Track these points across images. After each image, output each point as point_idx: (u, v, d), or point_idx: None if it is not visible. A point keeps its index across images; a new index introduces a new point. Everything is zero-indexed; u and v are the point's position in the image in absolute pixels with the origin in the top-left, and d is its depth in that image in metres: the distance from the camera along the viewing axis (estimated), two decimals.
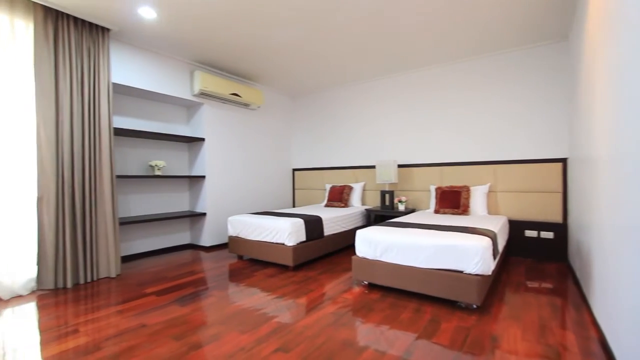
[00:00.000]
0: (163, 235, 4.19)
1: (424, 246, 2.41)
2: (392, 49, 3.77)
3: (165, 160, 4.24)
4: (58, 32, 2.84)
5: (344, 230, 4.03)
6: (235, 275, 3.17)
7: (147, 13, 2.93)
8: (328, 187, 5.14)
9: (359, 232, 2.81)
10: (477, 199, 3.78)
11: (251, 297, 2.57)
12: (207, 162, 4.32)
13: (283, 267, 3.40)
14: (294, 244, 3.23)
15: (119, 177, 3.43)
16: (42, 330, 2.06)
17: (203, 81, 3.99)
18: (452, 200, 3.79)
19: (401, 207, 4.18)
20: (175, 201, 4.36)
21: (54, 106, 2.80)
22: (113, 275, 3.13)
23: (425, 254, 2.40)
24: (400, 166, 4.58)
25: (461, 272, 2.27)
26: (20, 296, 2.64)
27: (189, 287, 2.82)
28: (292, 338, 1.90)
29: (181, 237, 4.41)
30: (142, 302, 2.49)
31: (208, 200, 4.32)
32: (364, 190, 4.96)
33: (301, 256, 3.31)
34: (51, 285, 2.77)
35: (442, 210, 3.82)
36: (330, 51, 3.82)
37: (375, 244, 2.67)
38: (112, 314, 2.28)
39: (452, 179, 4.16)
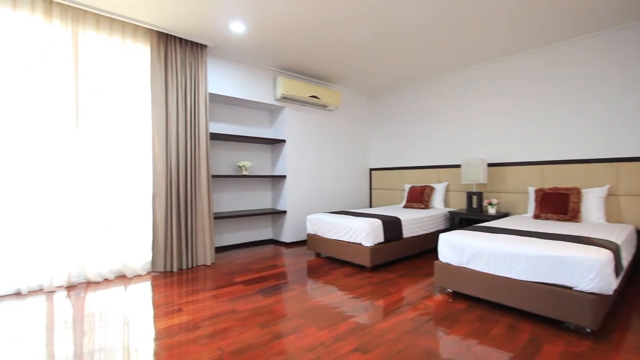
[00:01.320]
0: (248, 230, 4.55)
1: (523, 255, 2.12)
2: (473, 39, 3.43)
3: (251, 161, 4.60)
4: (168, 52, 3.31)
5: (425, 233, 3.81)
6: (314, 272, 3.26)
7: (237, 28, 3.21)
8: (407, 187, 4.93)
9: (442, 236, 2.62)
10: (591, 203, 3.19)
11: (329, 295, 2.61)
12: (288, 162, 4.55)
13: (360, 267, 3.37)
14: (372, 244, 3.18)
15: (213, 176, 3.84)
16: (155, 305, 2.42)
17: (285, 86, 4.21)
18: (558, 204, 3.27)
19: (491, 211, 3.77)
20: (259, 199, 4.71)
21: (164, 117, 3.28)
22: (208, 263, 3.52)
23: (524, 265, 2.11)
24: (490, 165, 4.14)
25: (570, 288, 1.93)
26: (140, 275, 3.15)
27: (272, 280, 3.00)
28: (371, 340, 1.87)
29: (264, 232, 4.73)
30: (232, 290, 2.74)
31: (288, 198, 4.54)
32: (447, 191, 4.62)
33: (379, 257, 3.24)
34: (161, 269, 3.25)
35: (543, 215, 3.33)
36: (407, 46, 3.65)
37: (461, 250, 2.45)
38: (208, 298, 2.56)
39: (556, 179, 3.59)
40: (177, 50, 3.36)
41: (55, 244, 2.75)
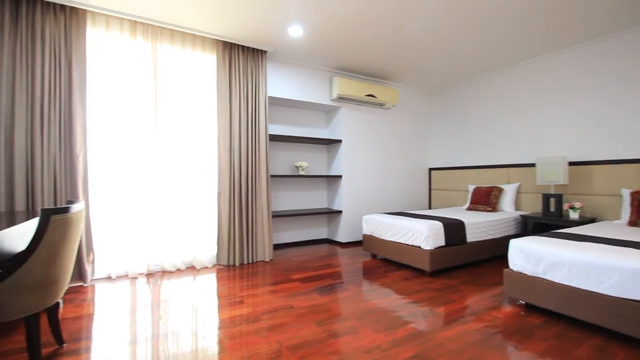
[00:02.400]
0: (305, 229, 4.65)
1: (615, 268, 1.83)
2: (551, 22, 3.05)
3: (308, 161, 4.69)
4: (232, 60, 3.53)
5: (492, 238, 3.51)
6: (369, 273, 3.20)
7: (295, 31, 3.30)
8: (471, 188, 4.60)
9: (514, 242, 2.38)
10: None
11: (386, 298, 2.54)
12: (344, 162, 4.55)
13: (418, 271, 3.22)
14: (431, 248, 3.02)
15: (272, 176, 4.00)
16: (219, 296, 2.59)
17: (341, 86, 4.22)
18: None
19: (573, 215, 3.32)
20: (315, 199, 4.78)
21: (228, 120, 3.50)
22: (267, 259, 3.67)
23: (617, 279, 1.82)
24: (572, 164, 3.66)
25: None
26: (206, 267, 3.40)
27: (328, 279, 3.02)
28: (431, 348, 1.77)
29: (320, 231, 4.79)
30: (289, 286, 2.81)
31: (344, 198, 4.53)
32: (518, 192, 4.20)
33: (439, 262, 3.06)
34: (225, 262, 3.47)
35: None
36: (472, 36, 3.40)
37: (537, 258, 2.20)
38: (267, 293, 2.66)
39: None
40: (240, 57, 3.56)
41: (138, 237, 3.10)
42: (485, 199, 4.12)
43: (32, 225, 1.72)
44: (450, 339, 1.87)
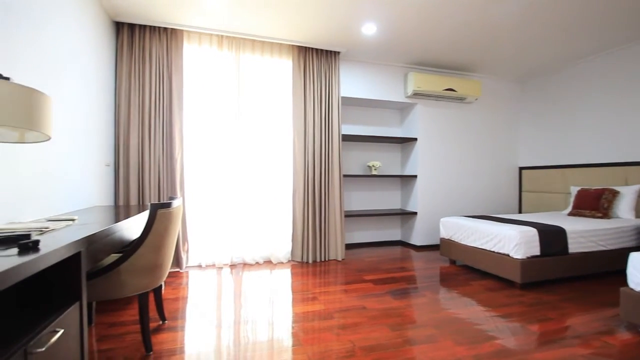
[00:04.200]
0: (377, 230, 4.55)
1: None
2: None
3: (381, 161, 4.59)
4: (306, 63, 3.65)
5: (603, 250, 2.96)
6: (448, 280, 2.98)
7: (369, 29, 3.25)
8: (574, 190, 3.95)
9: (636, 256, 1.97)
10: None
11: (467, 308, 2.33)
12: (419, 161, 4.33)
13: (506, 282, 2.89)
14: (523, 257, 2.68)
15: (344, 176, 4.01)
16: (293, 291, 2.70)
17: (416, 81, 4.02)
18: None
19: None
20: (388, 199, 4.65)
21: (303, 121, 3.63)
22: (339, 258, 3.70)
23: None
24: None
25: None
26: (282, 263, 3.57)
27: (402, 282, 2.90)
28: None
29: (393, 233, 4.64)
30: (362, 287, 2.79)
31: (419, 199, 4.32)
32: (639, 196, 3.46)
33: (532, 273, 2.70)
34: (299, 259, 3.60)
35: None
36: (573, 13, 2.90)
37: None
38: (339, 291, 2.68)
39: None
40: (314, 60, 3.66)
41: (223, 231, 3.41)
42: (594, 203, 3.49)
43: (141, 217, 2.02)
44: None
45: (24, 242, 0.90)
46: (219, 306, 2.37)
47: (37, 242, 0.94)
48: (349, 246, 4.33)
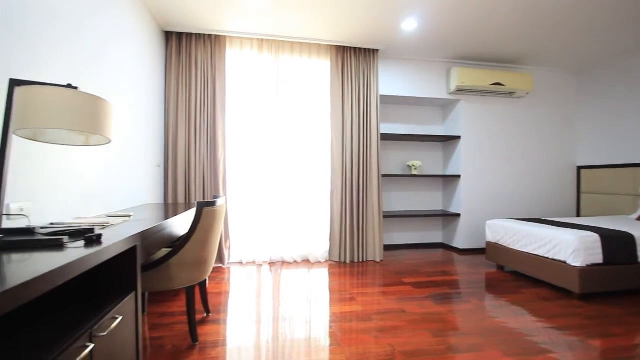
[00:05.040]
0: (417, 232, 4.41)
1: None
2: None
3: (421, 160, 4.44)
4: (344, 62, 3.64)
5: None
6: (495, 287, 2.81)
7: (409, 25, 3.16)
8: None
9: None
10: None
11: (516, 318, 2.18)
12: (463, 160, 4.13)
13: (563, 292, 2.66)
14: (583, 265, 2.44)
15: (383, 176, 3.94)
16: (331, 290, 2.70)
17: (460, 77, 3.84)
18: None
19: None
20: (429, 200, 4.49)
21: (341, 120, 3.62)
22: (377, 260, 3.63)
23: None
24: None
25: None
26: (319, 262, 3.59)
27: (444, 287, 2.79)
28: None
29: (433, 235, 4.47)
30: (401, 289, 2.72)
31: (463, 200, 4.12)
32: None
33: (594, 283, 2.45)
34: (337, 259, 3.60)
35: None
36: None
37: None
38: (378, 293, 2.63)
39: None
40: (352, 59, 3.64)
41: (263, 230, 3.51)
42: None
43: (188, 215, 2.14)
44: None
45: (90, 236, 0.99)
46: (259, 302, 2.44)
47: (100, 235, 1.02)
48: (387, 247, 4.25)
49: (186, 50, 3.27)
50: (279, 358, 1.69)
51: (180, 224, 1.94)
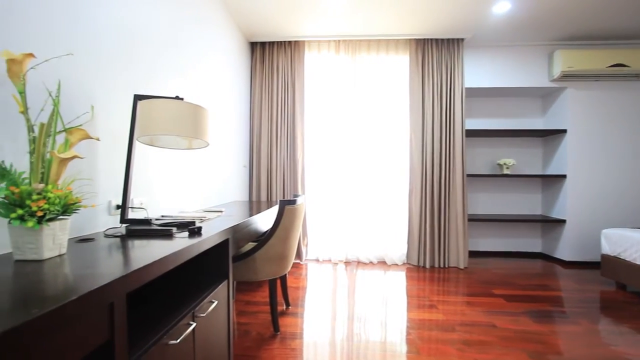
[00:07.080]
0: (509, 238, 3.94)
1: None
2: None
3: (515, 158, 3.96)
4: (424, 56, 3.45)
5: None
6: (613, 309, 2.34)
7: (502, 7, 2.84)
8: None
9: None
10: None
11: None
12: (569, 158, 3.54)
13: None
14: None
15: (468, 175, 3.62)
16: (409, 295, 2.58)
17: (566, 60, 3.30)
18: None
19: None
20: (524, 203, 3.97)
21: (420, 118, 3.44)
22: (461, 266, 3.36)
23: None
24: None
25: None
26: (396, 264, 3.48)
27: (544, 303, 2.43)
28: None
29: (530, 243, 3.94)
30: (490, 301, 2.46)
31: (569, 204, 3.53)
32: None
33: None
34: (415, 262, 3.44)
35: None
36: None
37: None
38: (462, 303, 2.43)
39: None
40: (433, 51, 3.43)
41: (339, 229, 3.55)
42: None
43: (271, 212, 2.28)
44: None
45: (192, 228, 1.13)
46: (334, 300, 2.48)
47: (200, 228, 1.16)
48: (472, 254, 3.89)
49: (269, 58, 3.50)
50: (354, 358, 1.69)
51: (263, 221, 2.08)
